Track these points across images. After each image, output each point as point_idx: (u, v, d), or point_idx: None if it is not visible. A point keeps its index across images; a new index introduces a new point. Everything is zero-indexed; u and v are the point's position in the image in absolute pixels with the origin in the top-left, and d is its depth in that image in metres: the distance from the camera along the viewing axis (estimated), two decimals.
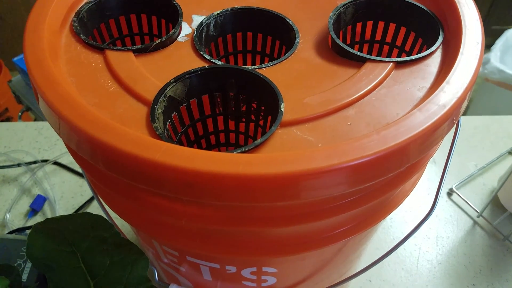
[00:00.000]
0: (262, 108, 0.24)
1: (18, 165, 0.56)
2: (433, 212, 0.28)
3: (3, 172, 0.56)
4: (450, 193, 0.53)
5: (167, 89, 0.22)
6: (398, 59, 0.23)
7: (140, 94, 0.22)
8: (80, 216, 0.24)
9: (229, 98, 0.25)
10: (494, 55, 1.44)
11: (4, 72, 1.22)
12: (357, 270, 0.30)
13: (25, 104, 0.97)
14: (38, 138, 0.62)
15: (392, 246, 0.29)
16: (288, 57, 0.25)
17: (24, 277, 0.34)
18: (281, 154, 0.17)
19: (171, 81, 0.23)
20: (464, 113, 1.54)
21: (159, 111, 0.22)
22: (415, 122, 0.18)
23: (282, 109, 0.21)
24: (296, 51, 0.26)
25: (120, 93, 0.23)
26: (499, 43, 1.49)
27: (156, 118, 0.21)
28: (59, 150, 0.58)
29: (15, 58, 1.03)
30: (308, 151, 0.17)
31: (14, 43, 1.57)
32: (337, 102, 0.21)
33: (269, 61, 0.31)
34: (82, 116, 0.19)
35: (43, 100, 0.21)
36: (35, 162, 0.57)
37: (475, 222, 0.50)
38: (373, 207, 0.24)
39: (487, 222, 0.50)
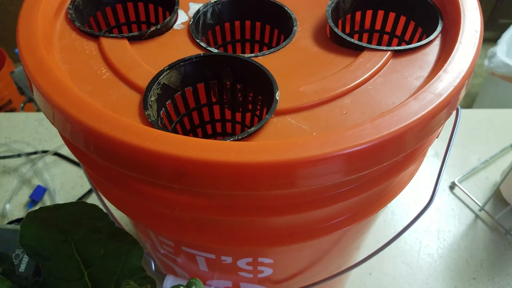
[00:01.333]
0: (259, 97, 0.24)
1: (19, 155, 0.56)
2: (432, 204, 0.28)
3: (3, 162, 0.56)
4: (452, 186, 0.53)
5: (161, 77, 0.22)
6: (396, 47, 0.23)
7: (134, 81, 0.22)
8: (74, 205, 0.23)
9: (225, 87, 0.25)
10: (501, 48, 1.42)
11: (7, 63, 1.22)
12: (356, 261, 0.30)
13: (28, 95, 0.97)
14: (39, 129, 0.62)
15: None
16: (285, 45, 0.25)
17: (22, 267, 0.34)
18: (274, 142, 0.17)
19: (165, 68, 0.22)
20: (470, 106, 1.52)
21: (152, 98, 0.21)
22: (410, 111, 0.18)
23: (277, 98, 0.21)
24: (293, 39, 0.25)
25: (114, 81, 0.22)
26: (506, 36, 1.47)
27: (149, 106, 0.21)
28: (60, 141, 0.59)
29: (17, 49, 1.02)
30: (301, 139, 0.17)
31: None
32: (333, 91, 0.21)
33: (267, 50, 0.30)
34: (73, 103, 0.19)
35: (35, 88, 0.20)
36: (35, 153, 0.57)
37: (477, 216, 0.50)
38: (370, 197, 0.23)
39: (489, 216, 0.50)
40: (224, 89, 0.25)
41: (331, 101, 0.21)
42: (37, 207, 0.51)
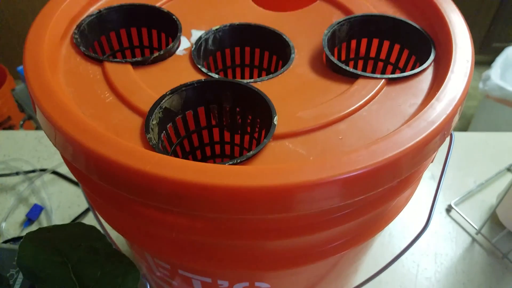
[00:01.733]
0: (258, 121, 0.24)
1: (17, 173, 0.56)
2: (428, 227, 0.28)
3: (1, 180, 0.56)
4: (448, 209, 0.53)
5: (163, 101, 0.23)
6: (390, 75, 0.23)
7: (136, 105, 0.22)
8: (72, 226, 0.24)
9: (225, 110, 0.25)
10: (495, 72, 1.44)
11: (8, 81, 1.23)
12: (354, 286, 0.30)
13: (27, 113, 0.97)
14: (38, 147, 0.62)
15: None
16: (283, 71, 0.26)
17: (17, 287, 0.34)
18: (271, 166, 0.18)
19: (167, 93, 0.23)
20: (465, 129, 1.54)
21: (154, 122, 0.22)
22: (404, 138, 0.18)
23: (275, 122, 0.21)
24: (291, 66, 0.26)
25: (116, 104, 0.23)
26: (500, 60, 1.50)
27: (150, 129, 0.21)
28: (58, 159, 0.59)
29: (19, 67, 1.04)
30: (298, 164, 0.18)
31: (20, 52, 1.59)
32: (329, 116, 0.22)
33: (265, 75, 0.31)
34: (75, 125, 0.19)
35: (39, 109, 0.21)
36: (33, 171, 0.57)
37: (473, 239, 0.50)
38: (366, 221, 0.24)
39: (485, 240, 0.50)
40: (224, 112, 0.25)
41: (328, 127, 0.21)
42: (33, 226, 0.51)
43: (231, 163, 0.19)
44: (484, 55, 1.90)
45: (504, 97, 1.38)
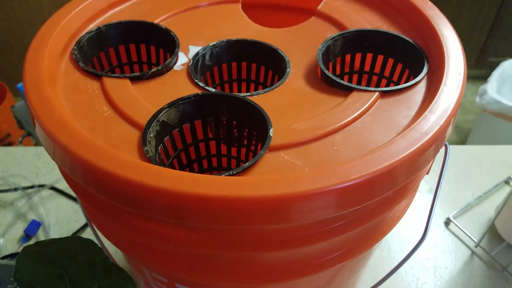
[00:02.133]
0: (254, 133, 0.25)
1: (15, 189, 0.56)
2: (425, 240, 0.28)
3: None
4: (447, 222, 0.53)
5: (160, 114, 0.23)
6: (383, 88, 0.24)
7: (134, 119, 0.23)
8: (70, 240, 0.24)
9: (222, 123, 0.26)
10: (491, 86, 1.46)
11: (8, 98, 1.24)
12: None
13: (26, 129, 0.98)
14: (37, 163, 0.62)
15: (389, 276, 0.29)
16: (279, 85, 0.26)
17: None
18: (268, 177, 0.18)
19: (165, 106, 0.23)
20: (463, 143, 1.55)
21: (151, 135, 0.22)
22: (398, 148, 0.18)
23: (271, 134, 0.22)
24: (287, 80, 0.27)
25: (114, 118, 0.23)
26: (496, 74, 1.52)
27: (147, 142, 0.21)
28: (57, 175, 0.59)
29: (19, 84, 1.05)
30: (294, 175, 0.18)
31: (20, 70, 1.60)
32: (324, 128, 0.22)
33: (262, 89, 0.32)
34: (73, 139, 0.19)
35: (38, 123, 0.21)
36: (32, 187, 0.57)
37: (473, 252, 0.50)
38: (363, 232, 0.24)
39: (485, 252, 0.49)
40: (221, 125, 0.26)
41: (323, 138, 0.22)
42: (31, 241, 0.51)
43: (227, 174, 0.19)
44: (480, 70, 1.93)
45: (501, 111, 1.39)
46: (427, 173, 0.27)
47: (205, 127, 0.26)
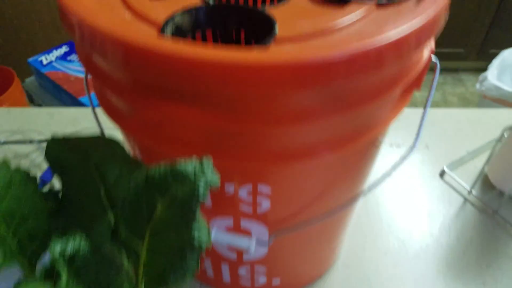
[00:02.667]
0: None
1: (30, 141, 0.59)
2: (413, 152, 0.31)
3: (16, 148, 0.59)
4: (442, 174, 0.56)
5: (176, 18, 0.26)
6: (380, 1, 0.26)
7: (153, 19, 0.25)
8: (94, 137, 0.26)
9: (230, 33, 0.28)
10: (491, 73, 1.48)
11: (16, 83, 1.27)
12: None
13: (37, 103, 1.01)
14: (50, 121, 0.65)
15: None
16: (284, 2, 0.29)
17: None
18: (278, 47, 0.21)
19: (179, 12, 0.26)
20: None
21: (168, 34, 0.25)
22: (402, 27, 0.22)
23: (276, 30, 0.24)
24: None
25: (133, 20, 0.26)
26: (496, 62, 1.54)
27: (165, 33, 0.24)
28: (70, 132, 0.62)
29: (30, 59, 1.08)
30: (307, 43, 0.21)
31: (26, 56, 1.63)
32: (328, 28, 0.24)
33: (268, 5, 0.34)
34: (96, 15, 0.22)
35: (65, 12, 0.24)
36: (46, 141, 0.60)
37: (466, 199, 0.52)
38: (354, 122, 0.26)
39: (477, 199, 0.52)
40: (229, 35, 0.28)
41: (327, 35, 0.24)
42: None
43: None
44: (482, 61, 1.95)
45: (500, 96, 1.41)
46: (418, 89, 0.30)
47: (215, 37, 0.28)
